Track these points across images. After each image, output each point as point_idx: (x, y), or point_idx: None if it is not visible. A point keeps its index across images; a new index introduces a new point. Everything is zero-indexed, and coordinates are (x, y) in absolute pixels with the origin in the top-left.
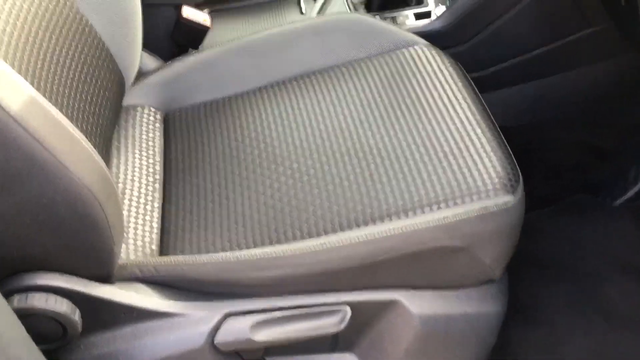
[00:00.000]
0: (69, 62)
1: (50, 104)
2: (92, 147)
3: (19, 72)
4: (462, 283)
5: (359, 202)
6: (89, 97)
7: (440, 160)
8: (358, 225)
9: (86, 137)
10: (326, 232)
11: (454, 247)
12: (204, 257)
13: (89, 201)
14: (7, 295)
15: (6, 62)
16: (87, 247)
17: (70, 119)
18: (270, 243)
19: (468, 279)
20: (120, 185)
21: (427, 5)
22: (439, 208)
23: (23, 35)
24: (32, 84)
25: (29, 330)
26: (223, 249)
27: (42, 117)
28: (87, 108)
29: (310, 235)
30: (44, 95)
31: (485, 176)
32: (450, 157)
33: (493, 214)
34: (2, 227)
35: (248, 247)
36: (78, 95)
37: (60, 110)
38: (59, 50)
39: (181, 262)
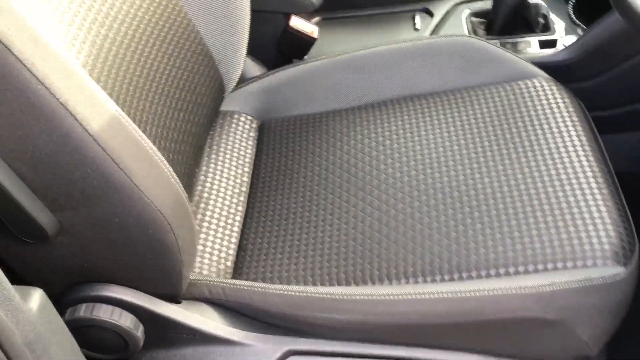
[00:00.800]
0: (168, 69)
1: (132, 123)
2: (171, 169)
3: (115, 79)
4: (552, 357)
5: (446, 248)
6: (184, 105)
7: (545, 213)
8: (442, 274)
9: (174, 145)
10: (406, 277)
11: (547, 320)
12: (272, 288)
13: (161, 225)
14: (74, 304)
15: (103, 70)
16: (156, 268)
17: (162, 127)
18: (346, 281)
19: (559, 354)
20: (206, 194)
21: (554, 32)
22: (535, 271)
23: (125, 41)
24: (127, 91)
25: (91, 339)
26: (296, 279)
27: (122, 138)
28: (180, 115)
29: (388, 278)
30: (136, 104)
31: (595, 240)
32: (557, 212)
33: (598, 287)
34: (73, 239)
35: (322, 282)
36: (173, 102)
37: (152, 119)
38: (160, 56)
39: (250, 289)
